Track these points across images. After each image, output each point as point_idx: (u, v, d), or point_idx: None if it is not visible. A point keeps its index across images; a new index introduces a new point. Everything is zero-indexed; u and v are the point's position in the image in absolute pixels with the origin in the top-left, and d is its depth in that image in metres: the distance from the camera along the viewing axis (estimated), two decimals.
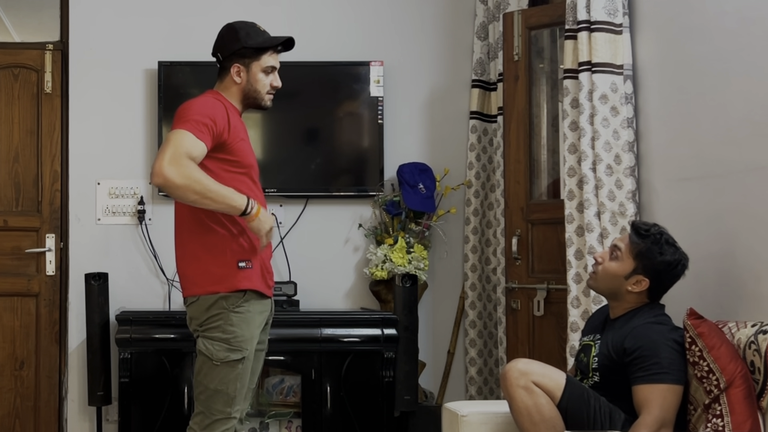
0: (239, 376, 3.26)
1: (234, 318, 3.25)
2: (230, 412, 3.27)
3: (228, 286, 3.26)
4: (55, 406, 4.92)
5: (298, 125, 4.94)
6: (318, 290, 4.90)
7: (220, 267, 3.27)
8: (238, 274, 3.26)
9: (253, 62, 3.36)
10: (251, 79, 3.37)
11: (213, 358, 3.25)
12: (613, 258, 3.27)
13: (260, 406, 4.67)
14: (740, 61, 3.32)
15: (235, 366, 3.25)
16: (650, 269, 3.21)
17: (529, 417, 3.05)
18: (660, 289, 3.25)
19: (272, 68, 3.39)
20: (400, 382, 4.43)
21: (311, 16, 4.99)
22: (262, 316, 3.36)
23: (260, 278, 3.33)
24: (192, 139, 3.13)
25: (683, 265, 3.22)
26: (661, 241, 3.21)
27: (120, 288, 4.75)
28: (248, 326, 3.27)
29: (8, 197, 4.94)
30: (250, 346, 3.28)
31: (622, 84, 3.90)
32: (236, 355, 3.25)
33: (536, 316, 4.36)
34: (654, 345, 3.08)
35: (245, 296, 3.28)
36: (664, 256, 3.19)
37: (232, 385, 3.25)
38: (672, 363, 3.05)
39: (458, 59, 5.05)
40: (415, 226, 4.85)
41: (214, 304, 3.27)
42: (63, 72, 4.95)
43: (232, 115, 3.32)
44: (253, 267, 3.30)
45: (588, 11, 3.92)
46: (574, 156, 3.99)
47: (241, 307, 3.26)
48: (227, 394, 3.25)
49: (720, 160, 3.42)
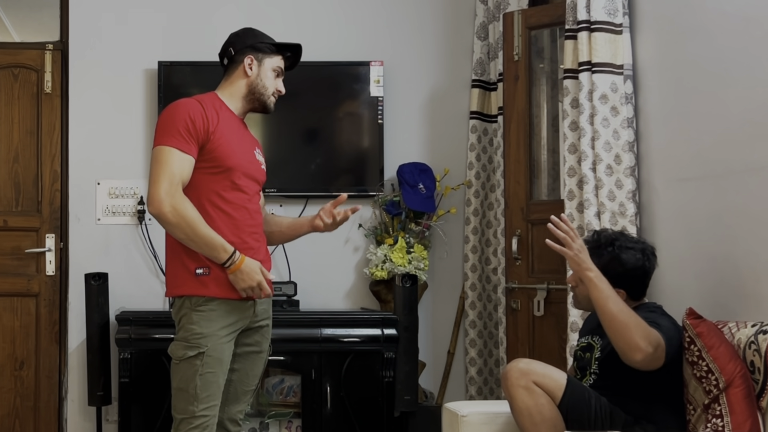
0: (198, 373, 3.21)
1: (194, 316, 3.25)
2: (194, 411, 3.22)
3: (188, 290, 3.28)
4: (55, 406, 4.92)
5: (298, 125, 4.95)
6: (318, 290, 4.90)
7: (183, 271, 3.29)
8: (196, 281, 3.26)
9: (266, 58, 3.40)
10: (262, 74, 3.38)
11: (174, 356, 3.27)
12: (581, 282, 3.22)
13: (260, 406, 4.67)
14: (740, 61, 3.32)
15: (192, 363, 3.22)
16: (619, 280, 3.19)
17: (530, 417, 3.05)
18: (639, 290, 3.26)
19: (281, 71, 3.45)
20: (400, 382, 4.43)
21: (311, 16, 4.99)
22: (235, 315, 3.31)
23: (221, 283, 3.28)
24: (180, 158, 3.18)
25: (650, 261, 3.23)
26: (615, 252, 3.20)
27: (120, 288, 4.75)
28: (209, 324, 3.24)
29: (8, 197, 4.94)
30: (210, 342, 3.23)
31: (622, 84, 3.90)
32: (193, 351, 3.22)
33: (536, 316, 4.36)
34: (653, 319, 3.10)
35: (207, 297, 3.27)
36: (626, 265, 3.19)
37: (192, 383, 3.21)
38: (669, 330, 3.08)
39: (458, 59, 5.05)
40: (415, 226, 4.85)
41: (182, 305, 3.30)
42: (63, 72, 4.95)
43: (217, 114, 3.29)
44: (212, 273, 3.26)
45: (588, 11, 3.92)
46: (574, 156, 3.99)
47: (203, 306, 3.25)
48: (188, 392, 3.22)
49: (720, 160, 3.42)
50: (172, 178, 3.16)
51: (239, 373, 3.42)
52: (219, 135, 3.26)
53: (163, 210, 3.13)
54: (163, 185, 3.14)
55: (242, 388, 3.44)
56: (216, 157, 3.26)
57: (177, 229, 3.18)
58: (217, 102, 3.35)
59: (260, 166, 3.46)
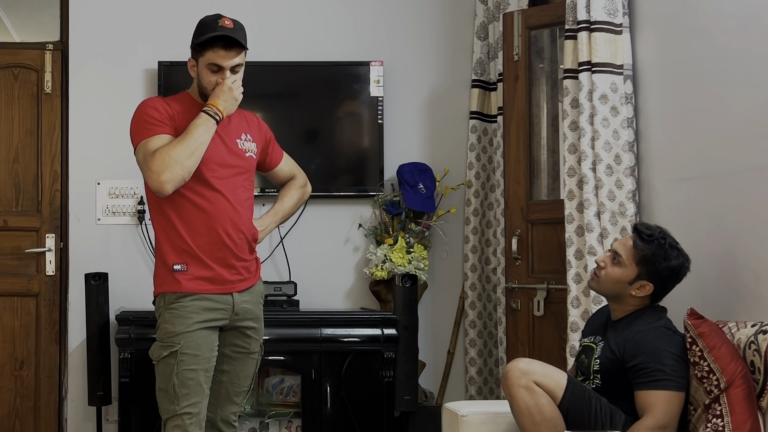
0: (175, 371, 3.22)
1: (167, 315, 3.28)
2: (175, 410, 3.23)
3: (164, 287, 3.31)
4: (55, 406, 4.92)
5: (298, 125, 4.94)
6: (318, 290, 4.90)
7: (162, 269, 3.33)
8: (171, 277, 3.29)
9: (199, 57, 3.35)
10: (199, 74, 3.36)
11: (152, 358, 3.30)
12: (615, 263, 3.25)
13: (260, 406, 4.67)
14: (740, 61, 3.32)
15: (168, 362, 3.24)
16: (654, 275, 3.19)
17: (530, 417, 3.05)
18: (663, 292, 3.24)
19: (217, 66, 3.31)
20: (400, 382, 4.42)
21: (311, 16, 4.99)
22: (212, 312, 3.31)
23: (196, 279, 3.29)
24: (157, 141, 3.23)
25: (686, 268, 3.21)
26: (665, 246, 3.18)
27: (120, 288, 4.75)
28: (181, 321, 3.25)
29: (8, 197, 4.94)
30: (183, 340, 3.23)
31: (622, 84, 3.90)
32: (167, 351, 3.24)
33: (536, 316, 4.36)
34: (657, 352, 3.08)
35: (178, 293, 3.28)
36: (669, 262, 3.17)
37: (170, 382, 3.23)
38: (675, 370, 3.05)
39: (458, 59, 5.05)
40: (415, 226, 4.85)
41: (158, 304, 3.34)
42: (63, 72, 4.95)
43: (181, 108, 3.33)
44: (189, 270, 3.28)
45: (588, 11, 3.92)
46: (574, 156, 3.99)
47: (175, 303, 3.27)
48: (167, 392, 3.24)
49: (720, 160, 3.42)
50: (147, 157, 3.23)
51: (229, 375, 3.42)
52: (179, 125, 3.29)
53: (164, 179, 3.17)
54: (150, 168, 3.19)
55: (233, 389, 3.44)
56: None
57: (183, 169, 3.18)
58: (185, 98, 3.39)
59: (243, 154, 3.42)
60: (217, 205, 3.31)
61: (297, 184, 3.73)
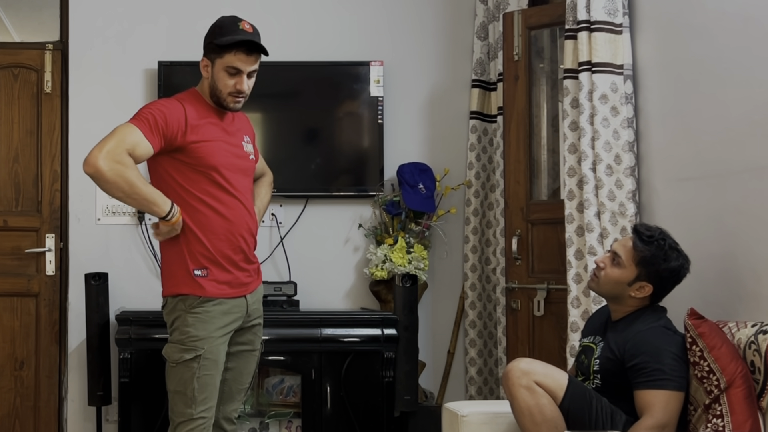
0: (196, 375, 3.22)
1: (189, 319, 3.25)
2: (192, 414, 3.23)
3: (185, 289, 3.28)
4: (55, 406, 4.92)
5: (298, 125, 4.95)
6: (318, 290, 4.90)
7: (179, 269, 3.29)
8: (193, 281, 3.27)
9: (217, 59, 3.30)
10: (214, 75, 3.32)
11: (169, 359, 3.27)
12: (615, 264, 3.25)
13: (260, 406, 4.68)
14: (740, 61, 3.32)
15: (189, 366, 3.23)
16: (654, 276, 3.19)
17: (531, 417, 3.05)
18: (662, 293, 3.24)
19: (236, 70, 3.29)
20: (400, 382, 4.43)
21: (311, 16, 4.99)
22: (230, 316, 3.32)
23: (218, 284, 3.29)
24: (139, 136, 3.15)
25: (686, 269, 3.21)
26: (665, 248, 3.18)
27: (120, 288, 4.75)
28: (205, 326, 3.24)
29: (8, 197, 4.94)
30: (207, 345, 3.24)
31: (622, 84, 3.90)
32: (189, 354, 3.23)
33: (536, 316, 4.36)
34: (657, 352, 3.08)
35: (202, 298, 3.27)
36: (669, 263, 3.17)
37: (190, 386, 3.22)
38: (674, 370, 3.05)
39: (458, 59, 5.05)
40: (415, 226, 4.85)
41: (175, 306, 3.29)
42: (63, 72, 4.95)
43: (197, 114, 3.28)
44: (210, 275, 3.27)
45: (588, 11, 3.92)
46: (574, 156, 3.99)
47: (198, 308, 3.25)
48: (185, 395, 3.23)
49: (720, 160, 3.42)
50: (120, 143, 3.11)
51: (233, 372, 3.43)
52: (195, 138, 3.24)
53: (101, 167, 3.05)
54: (105, 147, 3.09)
55: (236, 386, 3.45)
56: (196, 162, 3.25)
57: (114, 187, 3.09)
58: (199, 104, 3.33)
59: (248, 157, 3.42)
60: (235, 211, 3.31)
61: (267, 181, 3.72)
